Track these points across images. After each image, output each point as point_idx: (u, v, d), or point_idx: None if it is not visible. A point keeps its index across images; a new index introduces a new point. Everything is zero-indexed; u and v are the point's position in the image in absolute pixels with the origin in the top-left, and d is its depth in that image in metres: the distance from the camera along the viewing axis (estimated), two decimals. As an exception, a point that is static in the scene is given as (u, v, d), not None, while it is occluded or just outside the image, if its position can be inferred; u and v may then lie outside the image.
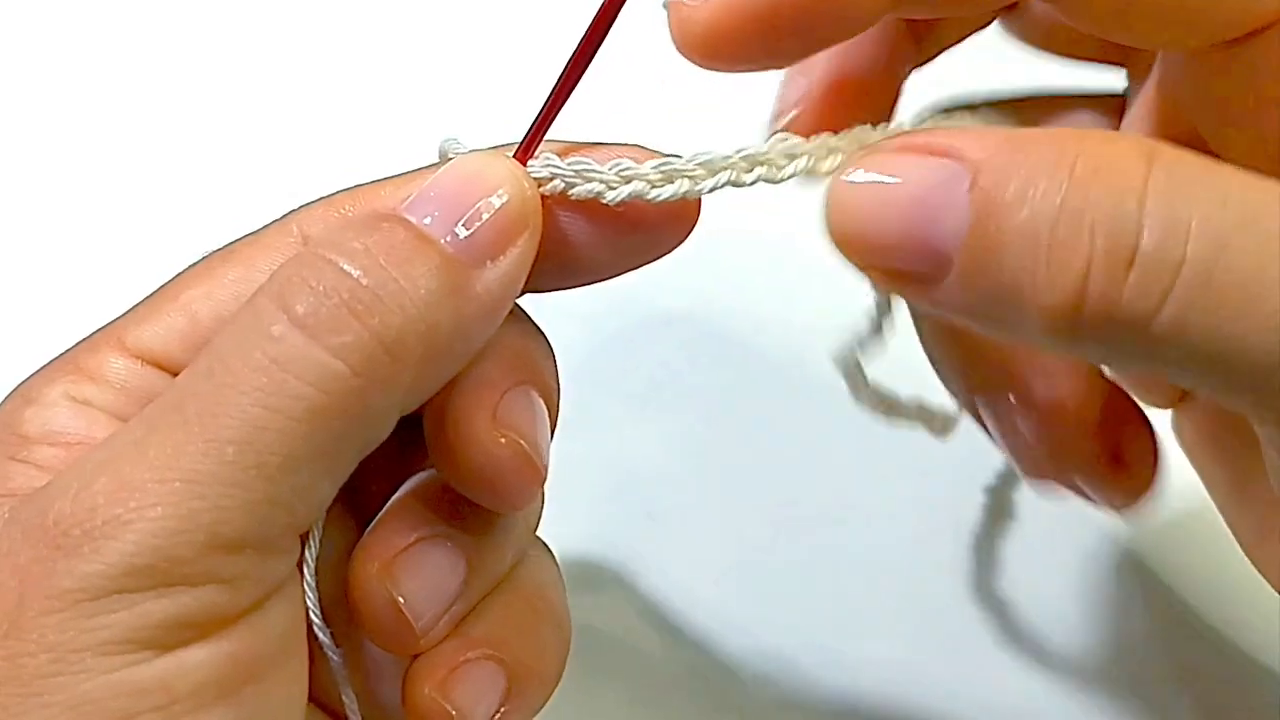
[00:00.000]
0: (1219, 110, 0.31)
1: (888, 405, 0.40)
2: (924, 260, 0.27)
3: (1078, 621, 0.46)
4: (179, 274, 0.33)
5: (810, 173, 0.30)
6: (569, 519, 0.39)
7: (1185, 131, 0.32)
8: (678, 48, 0.30)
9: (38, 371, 0.32)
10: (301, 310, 0.27)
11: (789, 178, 0.30)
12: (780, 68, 0.31)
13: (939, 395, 0.40)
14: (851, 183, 0.28)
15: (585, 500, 0.48)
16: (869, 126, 0.31)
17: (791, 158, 0.30)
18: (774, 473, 0.49)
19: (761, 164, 0.30)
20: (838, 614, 0.46)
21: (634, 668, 0.46)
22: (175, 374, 0.31)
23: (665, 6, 0.30)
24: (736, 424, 0.51)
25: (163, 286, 0.33)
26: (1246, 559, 0.36)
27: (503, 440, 0.31)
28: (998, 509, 0.48)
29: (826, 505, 0.48)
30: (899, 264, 0.28)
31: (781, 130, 0.31)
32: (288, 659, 0.29)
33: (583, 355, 0.51)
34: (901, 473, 0.48)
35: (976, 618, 0.46)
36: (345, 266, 0.28)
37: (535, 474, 0.32)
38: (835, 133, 0.31)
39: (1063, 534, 0.47)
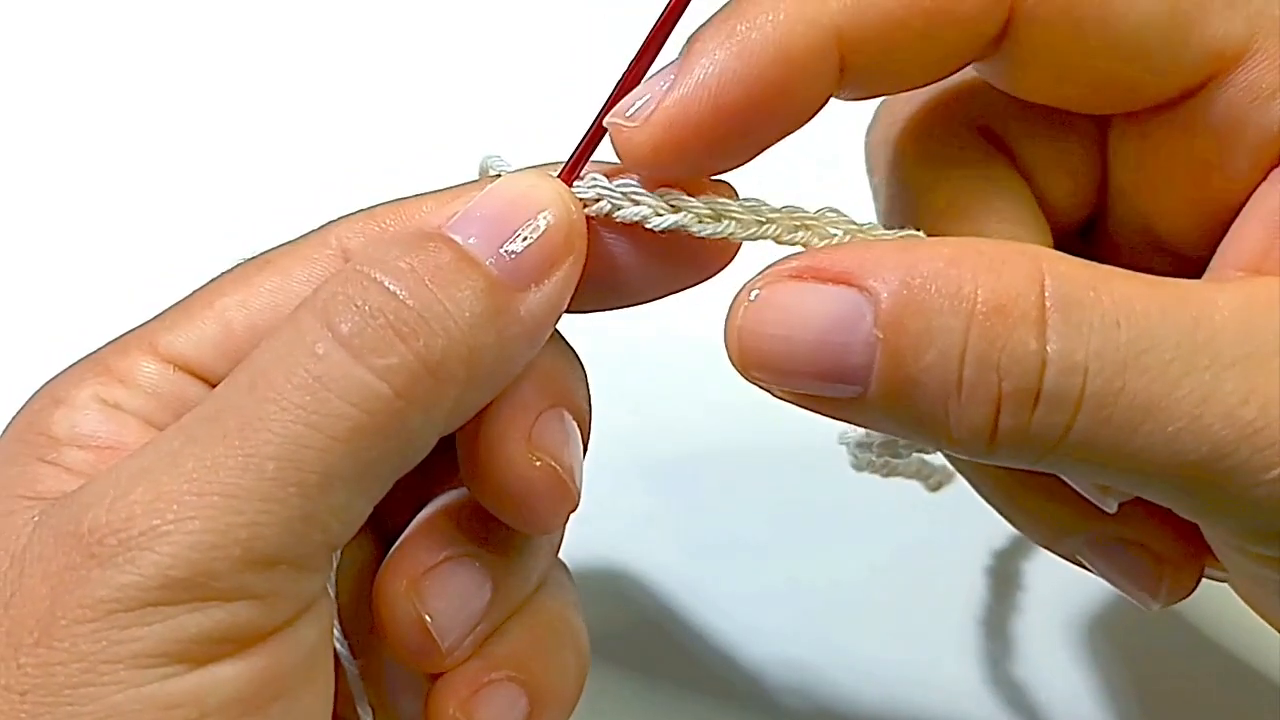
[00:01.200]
0: (1158, 172, 0.32)
1: (885, 464, 0.40)
2: (834, 389, 0.28)
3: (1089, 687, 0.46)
4: (213, 280, 0.33)
5: None
6: (585, 545, 0.39)
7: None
8: (624, 165, 0.30)
9: (66, 371, 0.32)
10: (346, 329, 0.27)
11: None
12: (731, 169, 0.31)
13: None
14: (755, 311, 0.28)
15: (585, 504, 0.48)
16: (914, 232, 0.31)
17: (838, 229, 0.30)
18: (777, 478, 0.50)
19: (806, 228, 0.30)
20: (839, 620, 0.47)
21: (630, 672, 0.46)
22: (207, 381, 0.31)
23: (607, 126, 0.30)
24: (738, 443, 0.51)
25: (196, 292, 0.33)
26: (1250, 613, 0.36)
27: (537, 463, 0.31)
28: (1000, 573, 0.48)
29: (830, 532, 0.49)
30: (809, 391, 0.28)
31: (618, 122, 0.29)
32: (315, 676, 0.29)
33: (600, 376, 0.51)
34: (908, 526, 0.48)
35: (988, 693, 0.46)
36: (390, 286, 0.27)
37: (568, 496, 0.32)
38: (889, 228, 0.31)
39: (1068, 595, 0.46)
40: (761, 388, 0.29)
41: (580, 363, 0.34)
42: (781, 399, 0.29)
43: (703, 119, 0.28)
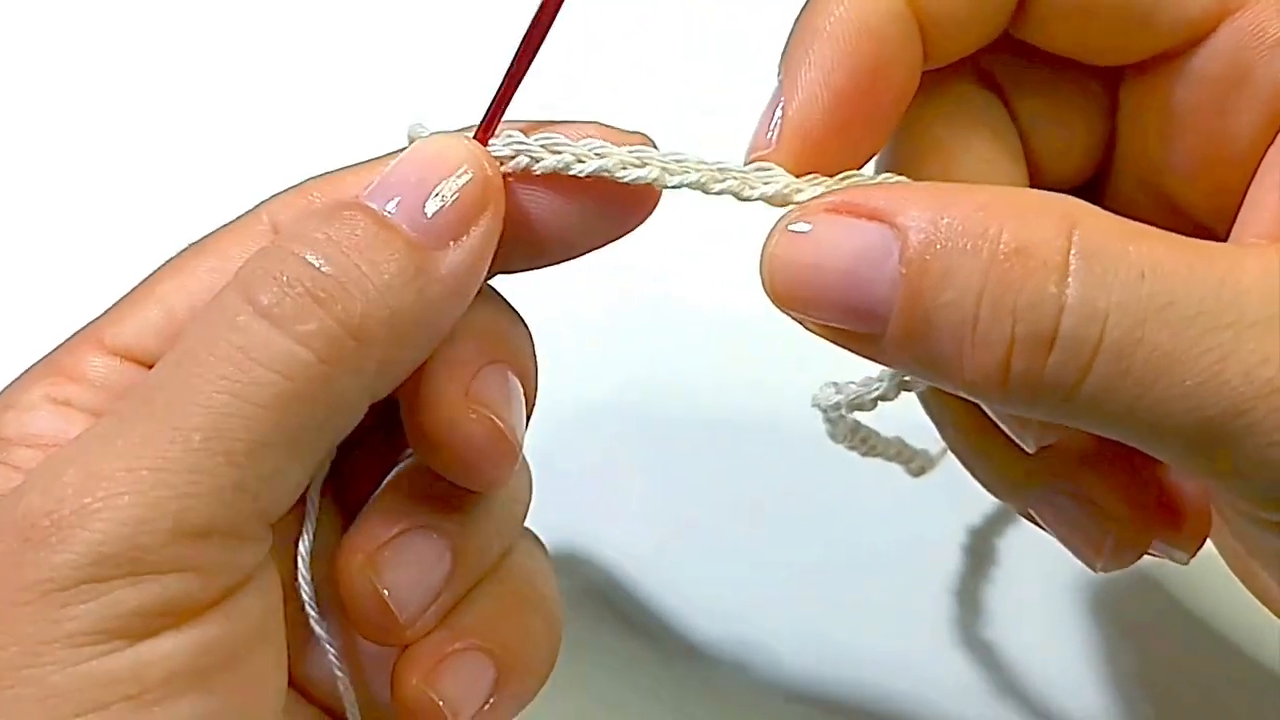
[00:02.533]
0: (1166, 126, 0.32)
1: (865, 440, 0.40)
2: (856, 324, 0.28)
3: (1068, 664, 0.45)
4: (155, 270, 0.33)
5: (783, 201, 0.30)
6: (568, 522, 0.39)
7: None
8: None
9: (19, 376, 0.32)
10: (266, 300, 0.27)
11: (756, 199, 0.30)
12: (872, 155, 0.32)
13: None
14: (788, 240, 0.29)
15: (584, 503, 0.48)
16: (854, 172, 0.31)
17: (765, 183, 0.30)
18: (778, 477, 0.49)
19: (734, 178, 0.30)
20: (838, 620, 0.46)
21: (628, 669, 0.46)
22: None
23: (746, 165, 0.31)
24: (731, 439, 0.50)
25: (140, 283, 0.33)
26: (1234, 589, 0.36)
27: (473, 416, 0.31)
28: (980, 553, 0.48)
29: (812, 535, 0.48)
30: (833, 324, 0.29)
31: (756, 156, 0.31)
32: (263, 647, 0.29)
33: (586, 359, 0.51)
34: (886, 509, 0.48)
35: (963, 664, 0.46)
36: (308, 257, 0.28)
37: (509, 450, 0.32)
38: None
39: (1047, 573, 0.46)
40: (793, 318, 0.29)
41: (523, 321, 0.34)
42: (813, 332, 0.30)
43: (826, 113, 0.30)
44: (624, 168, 0.30)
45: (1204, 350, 0.25)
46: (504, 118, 0.31)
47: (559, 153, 0.30)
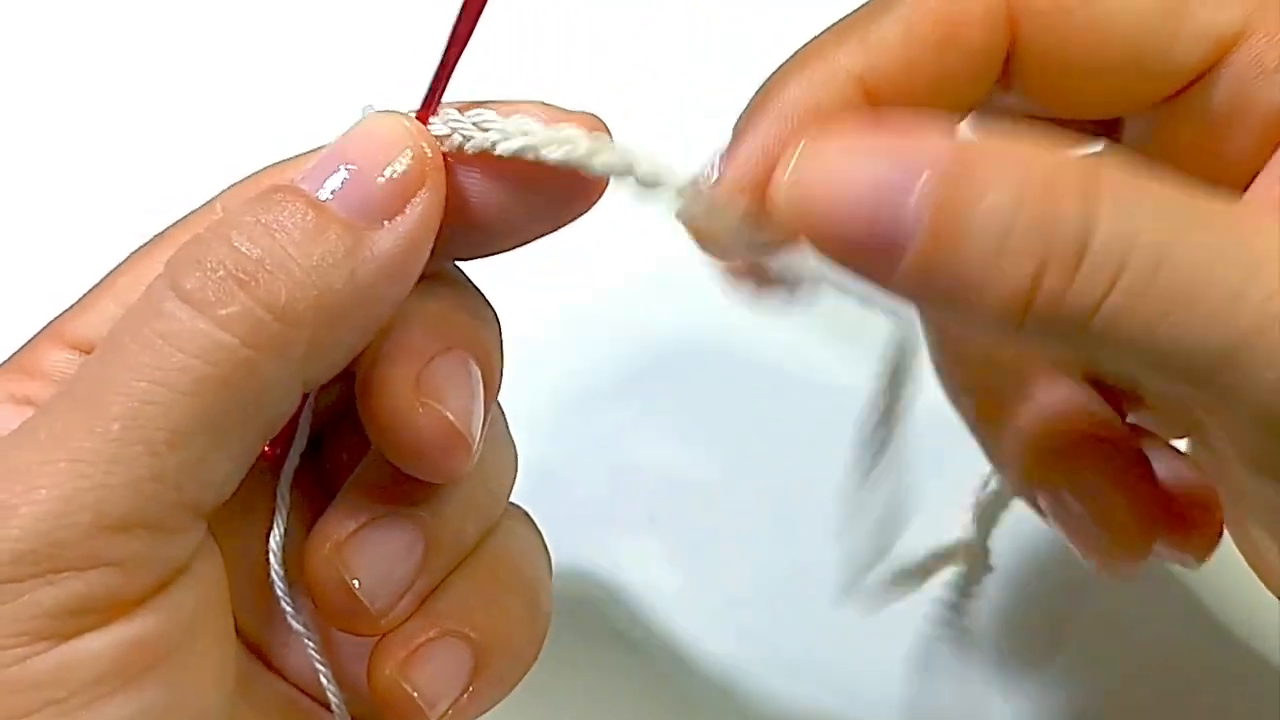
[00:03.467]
0: (1170, 156, 0.32)
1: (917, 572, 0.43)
2: (879, 244, 0.27)
3: (1069, 659, 0.46)
4: (116, 266, 0.33)
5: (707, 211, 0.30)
6: (572, 520, 0.38)
7: None
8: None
9: None
10: (189, 286, 0.27)
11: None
12: None
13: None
14: (806, 159, 0.28)
15: (587, 501, 0.48)
16: None
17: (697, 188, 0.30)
18: (777, 478, 0.49)
19: (664, 179, 0.30)
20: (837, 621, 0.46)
21: (633, 670, 0.46)
22: None
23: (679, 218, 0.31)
24: (740, 430, 0.50)
25: (101, 280, 0.33)
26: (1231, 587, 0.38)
27: (420, 409, 0.30)
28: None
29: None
30: (853, 244, 0.27)
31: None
32: (199, 642, 0.28)
33: (588, 356, 0.51)
34: None
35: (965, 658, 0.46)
36: (234, 240, 0.27)
37: (461, 442, 0.30)
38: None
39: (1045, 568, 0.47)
40: (802, 236, 0.28)
41: (489, 307, 0.33)
42: (821, 257, 0.28)
43: (760, 183, 0.29)
44: (550, 146, 0.29)
45: (1219, 279, 0.26)
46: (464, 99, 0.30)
47: (487, 130, 0.29)
